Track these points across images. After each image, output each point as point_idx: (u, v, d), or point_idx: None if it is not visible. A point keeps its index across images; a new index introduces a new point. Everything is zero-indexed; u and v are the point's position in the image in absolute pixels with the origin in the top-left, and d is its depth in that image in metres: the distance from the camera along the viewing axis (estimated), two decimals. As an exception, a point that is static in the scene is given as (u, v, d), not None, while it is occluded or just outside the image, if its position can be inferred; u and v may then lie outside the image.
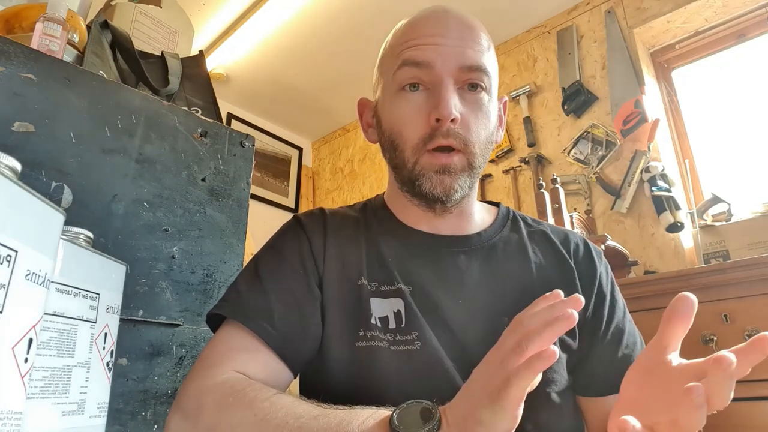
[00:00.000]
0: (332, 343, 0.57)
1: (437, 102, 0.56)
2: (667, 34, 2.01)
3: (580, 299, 0.37)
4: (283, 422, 0.42)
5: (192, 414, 0.48)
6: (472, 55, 0.58)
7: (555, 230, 0.70)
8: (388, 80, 0.62)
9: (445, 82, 0.57)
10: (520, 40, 2.38)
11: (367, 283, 0.59)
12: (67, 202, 0.70)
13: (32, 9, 0.91)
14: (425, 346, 0.55)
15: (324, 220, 0.65)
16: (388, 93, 0.62)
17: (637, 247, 1.80)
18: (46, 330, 0.47)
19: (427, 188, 0.58)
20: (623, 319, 0.64)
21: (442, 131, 0.57)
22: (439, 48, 0.58)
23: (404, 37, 0.61)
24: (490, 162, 2.35)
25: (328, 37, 2.41)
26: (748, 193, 1.71)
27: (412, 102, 0.59)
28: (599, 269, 0.65)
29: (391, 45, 0.64)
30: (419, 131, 0.58)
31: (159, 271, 0.82)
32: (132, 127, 0.84)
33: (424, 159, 0.58)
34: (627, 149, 1.91)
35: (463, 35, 0.59)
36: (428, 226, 0.64)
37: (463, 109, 0.58)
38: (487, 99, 0.60)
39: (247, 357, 0.53)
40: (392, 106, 0.61)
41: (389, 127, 0.62)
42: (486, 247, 0.64)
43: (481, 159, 0.60)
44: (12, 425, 0.37)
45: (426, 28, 0.60)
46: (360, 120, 0.70)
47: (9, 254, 0.37)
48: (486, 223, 0.68)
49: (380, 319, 0.57)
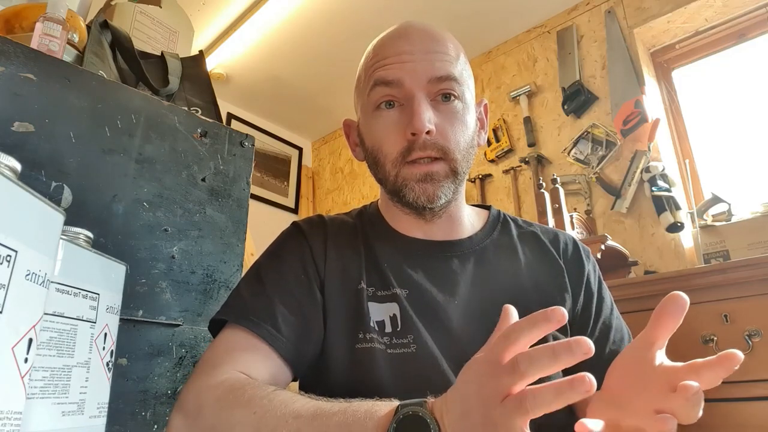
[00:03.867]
0: (333, 346, 0.58)
1: (410, 117, 0.58)
2: (667, 34, 2.01)
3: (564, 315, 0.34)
4: (282, 421, 0.42)
5: (192, 413, 0.49)
6: (440, 66, 0.60)
7: (545, 231, 0.72)
8: (364, 101, 0.65)
9: (416, 96, 0.59)
10: (520, 40, 2.38)
11: (366, 287, 0.61)
12: (67, 202, 0.70)
13: (32, 9, 0.91)
14: (421, 348, 0.56)
15: (324, 226, 0.67)
16: (366, 113, 0.65)
17: (637, 247, 1.80)
18: (46, 330, 0.47)
19: (411, 197, 0.60)
20: (610, 315, 0.66)
21: (418, 143, 0.59)
22: (406, 65, 0.60)
23: (374, 58, 0.64)
24: (490, 162, 2.35)
25: (329, 37, 2.41)
26: (748, 193, 1.71)
27: (388, 119, 0.61)
28: (587, 268, 0.68)
29: (363, 67, 0.67)
30: (397, 146, 0.60)
31: (159, 271, 0.82)
32: (132, 127, 0.84)
33: (404, 170, 0.60)
34: (627, 149, 1.91)
35: (428, 48, 0.61)
36: (421, 232, 0.67)
37: (438, 119, 0.60)
38: (461, 106, 0.62)
39: (249, 357, 0.53)
40: (371, 124, 0.64)
41: (371, 145, 0.64)
42: (478, 250, 0.66)
43: (464, 164, 0.62)
44: (12, 425, 0.37)
45: (392, 47, 0.62)
46: (347, 140, 0.73)
47: (9, 254, 0.37)
48: (477, 227, 0.70)
49: (377, 323, 0.58)
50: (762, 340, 1.09)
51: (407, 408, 0.37)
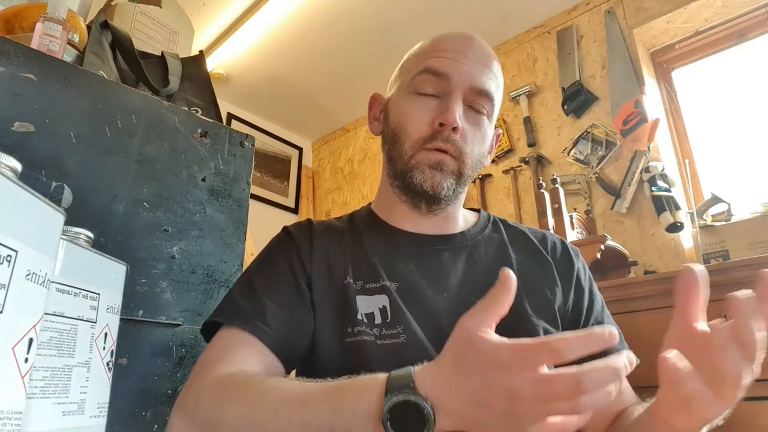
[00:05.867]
0: (323, 340, 0.60)
1: (445, 109, 0.62)
2: (667, 34, 2.01)
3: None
4: (272, 408, 0.43)
5: (190, 411, 0.50)
6: (485, 81, 0.65)
7: (533, 231, 0.75)
8: (405, 80, 0.68)
9: (456, 94, 0.63)
10: (520, 40, 2.38)
11: (353, 282, 0.63)
12: (67, 202, 0.70)
13: (32, 9, 0.91)
14: (410, 338, 0.58)
15: (311, 228, 0.70)
16: (402, 92, 0.68)
17: (637, 247, 1.80)
18: (46, 330, 0.47)
19: (418, 180, 0.63)
20: (602, 313, 0.67)
21: (443, 136, 0.62)
22: (459, 65, 0.64)
23: (431, 46, 0.68)
24: (491, 162, 2.35)
25: (329, 37, 2.41)
26: (748, 193, 1.71)
27: (422, 104, 0.65)
28: (576, 265, 0.70)
29: (417, 51, 0.70)
30: (422, 130, 0.64)
31: (159, 271, 0.82)
32: (132, 127, 0.84)
33: (420, 155, 0.64)
34: (627, 149, 1.91)
35: (482, 61, 0.66)
36: (413, 225, 0.69)
37: (465, 124, 0.64)
38: (486, 123, 0.66)
39: (242, 352, 0.55)
40: (403, 103, 0.67)
41: (395, 121, 0.67)
42: (469, 245, 0.69)
43: (470, 170, 0.66)
44: (12, 425, 0.37)
45: (453, 44, 0.66)
46: (369, 112, 0.76)
47: (9, 254, 0.37)
48: (469, 224, 0.73)
49: (366, 315, 0.60)
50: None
51: (396, 395, 0.37)
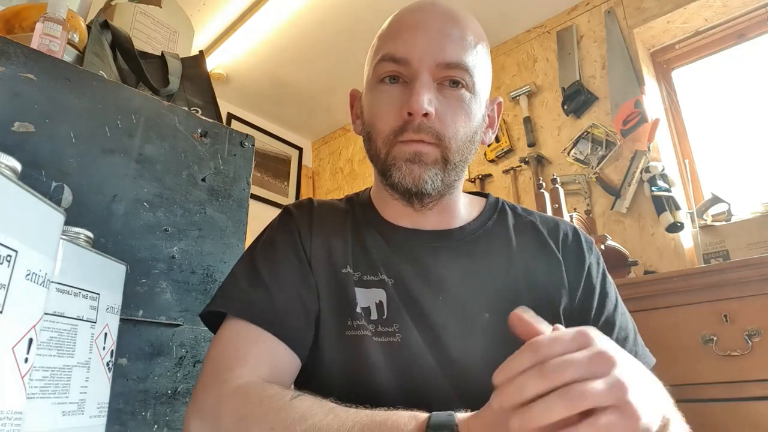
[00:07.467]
0: (324, 332, 0.58)
1: (410, 96, 0.56)
2: (667, 34, 2.01)
3: None
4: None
5: (210, 420, 0.49)
6: (451, 51, 0.57)
7: (544, 220, 0.68)
8: (370, 71, 0.62)
9: (421, 77, 0.56)
10: (520, 40, 2.38)
11: (353, 272, 0.60)
12: (67, 202, 0.70)
13: (32, 9, 0.91)
14: (406, 339, 0.56)
15: (311, 209, 0.66)
16: (369, 84, 0.63)
17: (637, 247, 1.80)
18: (46, 330, 0.47)
19: (397, 178, 0.57)
20: (614, 313, 0.62)
21: (413, 125, 0.56)
22: (418, 43, 0.57)
23: (388, 29, 0.62)
24: (490, 162, 2.35)
25: (329, 36, 2.41)
26: (748, 193, 1.71)
27: (388, 94, 0.59)
28: (588, 260, 0.64)
29: (377, 36, 0.64)
30: (391, 123, 0.58)
31: (159, 271, 0.82)
32: (132, 127, 0.84)
33: (395, 150, 0.58)
34: (627, 149, 1.91)
35: (444, 29, 0.58)
36: (409, 221, 0.64)
37: (440, 104, 0.57)
38: (468, 96, 0.59)
39: (258, 350, 0.54)
40: (371, 97, 0.62)
41: (368, 119, 0.62)
42: (468, 241, 0.63)
43: (458, 155, 0.58)
44: (12, 425, 0.37)
45: (408, 20, 0.60)
46: (351, 111, 0.70)
47: (9, 254, 0.37)
48: (471, 216, 0.66)
49: (363, 309, 0.58)
50: (762, 340, 1.09)
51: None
